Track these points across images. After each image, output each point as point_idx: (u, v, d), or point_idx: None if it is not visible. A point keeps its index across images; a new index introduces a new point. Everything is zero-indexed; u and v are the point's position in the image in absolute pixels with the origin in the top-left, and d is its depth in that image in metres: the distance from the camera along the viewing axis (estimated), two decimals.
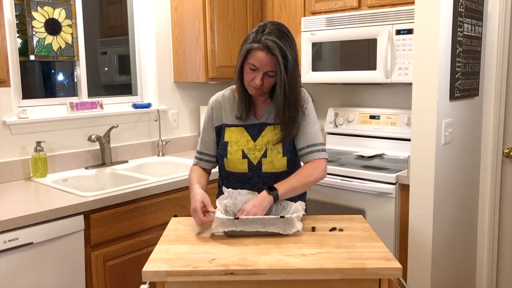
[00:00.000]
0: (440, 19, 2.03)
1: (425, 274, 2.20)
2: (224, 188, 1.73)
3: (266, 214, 1.64)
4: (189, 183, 1.81)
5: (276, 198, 1.64)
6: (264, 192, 1.65)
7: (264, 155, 1.76)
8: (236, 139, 1.78)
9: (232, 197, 1.69)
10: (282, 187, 1.67)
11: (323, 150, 1.78)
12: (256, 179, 1.77)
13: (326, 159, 1.78)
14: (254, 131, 1.78)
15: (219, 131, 1.83)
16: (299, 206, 1.62)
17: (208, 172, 1.92)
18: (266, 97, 1.80)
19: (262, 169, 1.76)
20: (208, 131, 1.86)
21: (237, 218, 1.53)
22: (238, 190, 1.71)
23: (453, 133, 2.25)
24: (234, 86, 1.86)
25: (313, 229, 1.63)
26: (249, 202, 1.63)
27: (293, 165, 1.80)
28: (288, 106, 1.70)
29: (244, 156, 1.76)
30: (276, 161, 1.76)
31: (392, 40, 2.53)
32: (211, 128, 1.85)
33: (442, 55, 2.07)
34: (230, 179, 1.82)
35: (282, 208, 1.68)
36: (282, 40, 1.63)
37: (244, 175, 1.78)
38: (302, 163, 1.83)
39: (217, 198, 1.94)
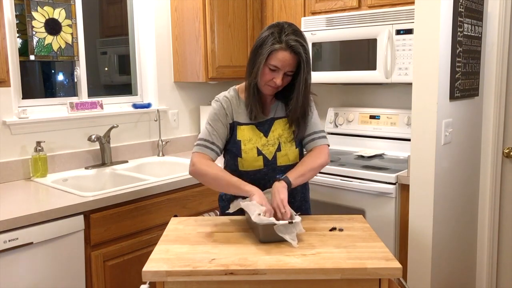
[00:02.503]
0: (440, 19, 2.03)
1: (425, 274, 2.20)
2: (240, 202, 1.63)
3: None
4: (218, 176, 1.68)
5: (289, 184, 1.64)
6: (275, 183, 1.65)
7: (279, 149, 1.78)
8: (249, 137, 1.78)
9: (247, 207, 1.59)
10: (291, 174, 1.68)
11: (325, 137, 1.84)
12: (271, 174, 1.77)
13: (328, 145, 1.84)
14: (265, 127, 1.80)
15: (232, 128, 1.80)
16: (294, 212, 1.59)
17: None
18: (272, 96, 1.82)
19: (277, 163, 1.78)
20: (219, 125, 1.79)
21: (291, 223, 1.49)
22: (252, 202, 1.60)
23: (453, 133, 2.25)
24: (237, 87, 1.85)
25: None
26: (271, 200, 1.60)
27: (302, 156, 1.85)
28: (303, 103, 1.73)
29: (259, 153, 1.77)
30: (290, 153, 1.79)
31: (392, 40, 2.53)
32: (222, 123, 1.79)
33: (442, 55, 2.07)
34: (244, 179, 1.76)
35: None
36: (302, 38, 1.66)
37: (259, 171, 1.78)
38: (305, 151, 1.86)
39: (218, 199, 1.93)
